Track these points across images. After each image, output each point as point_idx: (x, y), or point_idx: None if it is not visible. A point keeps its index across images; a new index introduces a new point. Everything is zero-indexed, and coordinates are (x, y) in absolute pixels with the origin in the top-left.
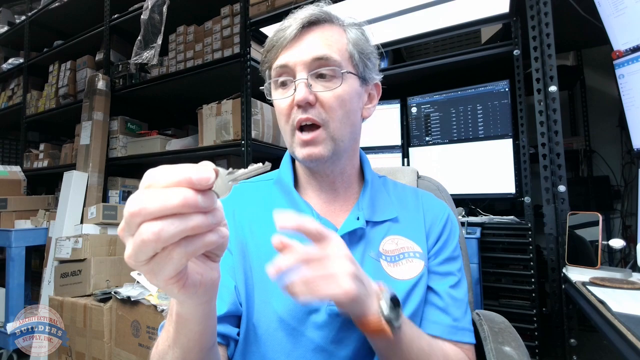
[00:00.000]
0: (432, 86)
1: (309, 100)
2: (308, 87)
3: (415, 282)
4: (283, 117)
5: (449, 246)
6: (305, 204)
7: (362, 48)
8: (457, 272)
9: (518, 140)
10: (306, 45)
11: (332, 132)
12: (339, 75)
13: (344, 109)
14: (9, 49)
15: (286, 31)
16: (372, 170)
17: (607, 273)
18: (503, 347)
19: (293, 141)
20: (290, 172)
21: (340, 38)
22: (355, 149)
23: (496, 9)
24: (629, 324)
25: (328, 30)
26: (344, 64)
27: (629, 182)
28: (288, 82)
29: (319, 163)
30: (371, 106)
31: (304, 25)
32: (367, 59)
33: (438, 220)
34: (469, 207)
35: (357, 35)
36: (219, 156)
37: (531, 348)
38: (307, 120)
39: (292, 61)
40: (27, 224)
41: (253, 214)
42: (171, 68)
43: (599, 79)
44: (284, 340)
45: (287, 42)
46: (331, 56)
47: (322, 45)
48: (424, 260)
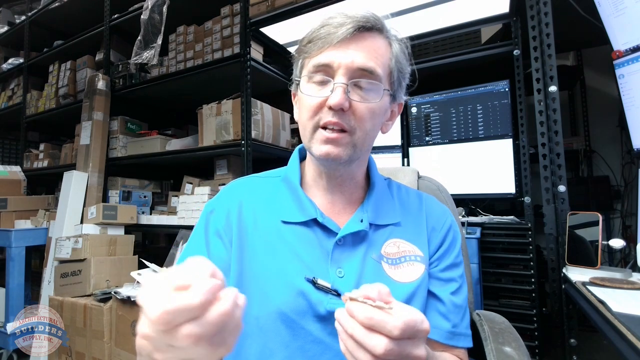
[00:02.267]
0: (432, 86)
1: (344, 107)
2: (346, 94)
3: (417, 286)
4: (309, 112)
5: (451, 253)
6: (310, 202)
7: (402, 66)
8: (458, 279)
9: (518, 140)
10: (355, 51)
11: (356, 140)
12: (379, 91)
13: (372, 122)
14: (9, 49)
15: (338, 29)
16: (378, 174)
17: (607, 273)
18: (503, 347)
19: (313, 137)
20: (298, 170)
21: (386, 52)
22: (366, 158)
23: (496, 9)
24: (629, 324)
25: (378, 40)
26: (384, 80)
27: (629, 182)
28: (327, 81)
29: (334, 164)
30: (391, 123)
31: (358, 28)
32: (403, 79)
33: (440, 226)
34: (469, 207)
35: (400, 51)
36: (218, 156)
37: (531, 348)
38: (336, 124)
39: (337, 63)
40: (27, 224)
41: (258, 208)
42: (171, 68)
43: (599, 79)
44: (284, 332)
45: (338, 40)
46: (376, 70)
47: (370, 57)
48: (424, 264)
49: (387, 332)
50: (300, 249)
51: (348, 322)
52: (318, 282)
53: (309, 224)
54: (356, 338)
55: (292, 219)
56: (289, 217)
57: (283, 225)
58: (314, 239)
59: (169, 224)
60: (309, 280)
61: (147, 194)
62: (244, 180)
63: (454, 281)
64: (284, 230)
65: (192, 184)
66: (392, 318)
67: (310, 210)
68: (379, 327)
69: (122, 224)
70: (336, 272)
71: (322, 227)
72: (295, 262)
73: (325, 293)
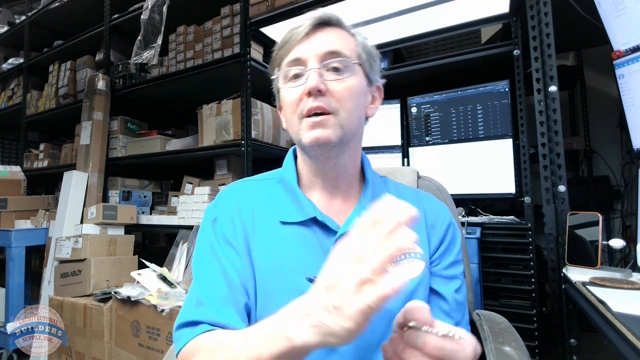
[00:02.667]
0: (432, 86)
1: (321, 88)
2: (320, 77)
3: (418, 283)
4: (292, 106)
5: (453, 250)
6: (308, 202)
7: (369, 51)
8: (460, 275)
9: (518, 140)
10: (319, 40)
11: (342, 120)
12: (350, 66)
13: (353, 102)
14: (9, 49)
15: (299, 29)
16: (373, 171)
17: (607, 273)
18: (503, 347)
19: (300, 127)
20: (294, 171)
21: (350, 40)
22: (357, 148)
23: (496, 9)
24: (629, 324)
25: (339, 31)
26: (354, 59)
27: (629, 182)
28: (300, 74)
29: (326, 149)
30: (374, 107)
31: (318, 23)
32: (373, 61)
33: (439, 223)
34: (469, 207)
35: (363, 41)
36: (219, 156)
37: (531, 348)
38: (317, 108)
39: (305, 54)
40: (27, 224)
41: (256, 210)
42: (171, 68)
43: (599, 79)
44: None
45: (301, 37)
46: (342, 51)
47: (334, 41)
48: (424, 261)
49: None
50: (301, 249)
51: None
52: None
53: (307, 223)
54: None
55: (290, 219)
56: (287, 218)
57: (282, 227)
58: (314, 238)
59: (169, 224)
60: (310, 280)
61: (147, 194)
62: (239, 184)
63: (456, 278)
64: (283, 231)
65: (192, 184)
66: (462, 347)
67: (309, 209)
68: (450, 359)
69: (122, 224)
70: None
71: (322, 226)
72: (295, 262)
73: None
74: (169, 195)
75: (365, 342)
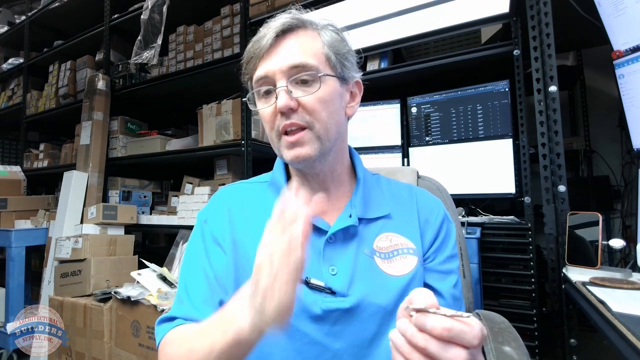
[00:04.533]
0: (432, 86)
1: (291, 106)
2: (289, 94)
3: (411, 278)
4: (268, 124)
5: (448, 244)
6: None
7: (338, 49)
8: (456, 270)
9: (518, 140)
10: (283, 53)
11: (318, 132)
12: (317, 79)
13: (327, 110)
14: (9, 49)
15: (261, 42)
16: (365, 168)
17: (607, 273)
18: (503, 347)
19: (280, 145)
20: (283, 174)
21: (315, 42)
22: (342, 148)
23: (496, 9)
24: (629, 324)
25: (302, 36)
26: (321, 67)
27: (629, 182)
28: (270, 90)
29: (307, 163)
30: (354, 104)
31: (277, 35)
32: (344, 59)
33: (433, 217)
34: (469, 207)
35: (332, 37)
36: (218, 156)
37: (531, 348)
38: (291, 125)
39: (271, 71)
40: (27, 224)
41: (248, 214)
42: (171, 68)
43: (599, 79)
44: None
45: (264, 52)
46: (307, 62)
47: (297, 53)
48: (417, 256)
49: (466, 342)
50: None
51: (418, 337)
52: (311, 282)
53: None
54: (430, 352)
55: None
56: None
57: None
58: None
59: (169, 224)
60: (302, 281)
61: (147, 194)
62: (232, 187)
63: (453, 273)
64: None
65: (192, 184)
66: (470, 328)
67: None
68: (459, 339)
69: (122, 224)
70: (329, 269)
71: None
72: None
73: (319, 292)
74: (169, 195)
75: (359, 340)
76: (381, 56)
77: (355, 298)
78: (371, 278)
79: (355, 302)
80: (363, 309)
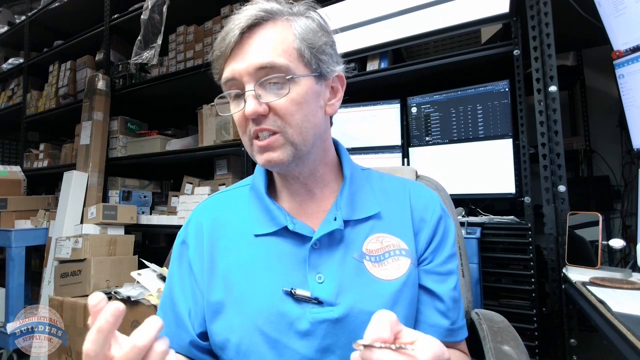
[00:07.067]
0: (432, 86)
1: (260, 112)
2: (257, 99)
3: (403, 282)
4: (240, 128)
5: (447, 242)
6: (279, 209)
7: (313, 42)
8: (456, 270)
9: (518, 140)
10: (249, 53)
11: (291, 137)
12: (287, 81)
13: (301, 113)
14: (9, 49)
15: (227, 37)
16: (354, 164)
17: (607, 273)
18: (502, 346)
19: (252, 149)
20: (263, 177)
21: (286, 36)
22: (324, 148)
23: (496, 9)
24: (629, 324)
25: (271, 29)
26: (293, 65)
27: (629, 182)
28: (240, 94)
29: (281, 168)
30: (335, 100)
31: (243, 31)
32: (321, 53)
33: (429, 215)
34: (469, 207)
35: (305, 27)
36: (218, 156)
37: (531, 348)
38: (261, 130)
39: (238, 72)
40: (27, 224)
41: (229, 226)
42: (171, 68)
43: (599, 79)
44: (268, 354)
45: (230, 50)
46: (275, 63)
47: (265, 51)
48: (410, 257)
49: None
50: (275, 261)
51: None
52: (297, 293)
53: (280, 233)
54: None
55: (262, 230)
56: (259, 230)
57: (255, 239)
58: (289, 247)
59: (169, 224)
60: (287, 293)
61: (147, 194)
62: (211, 199)
63: (453, 274)
64: (257, 244)
65: (192, 184)
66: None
67: (280, 219)
68: None
69: (122, 224)
70: (315, 278)
71: (295, 234)
72: (271, 276)
73: (306, 303)
74: (169, 195)
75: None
76: (381, 56)
77: (345, 307)
78: (361, 284)
79: (344, 311)
80: (353, 318)
